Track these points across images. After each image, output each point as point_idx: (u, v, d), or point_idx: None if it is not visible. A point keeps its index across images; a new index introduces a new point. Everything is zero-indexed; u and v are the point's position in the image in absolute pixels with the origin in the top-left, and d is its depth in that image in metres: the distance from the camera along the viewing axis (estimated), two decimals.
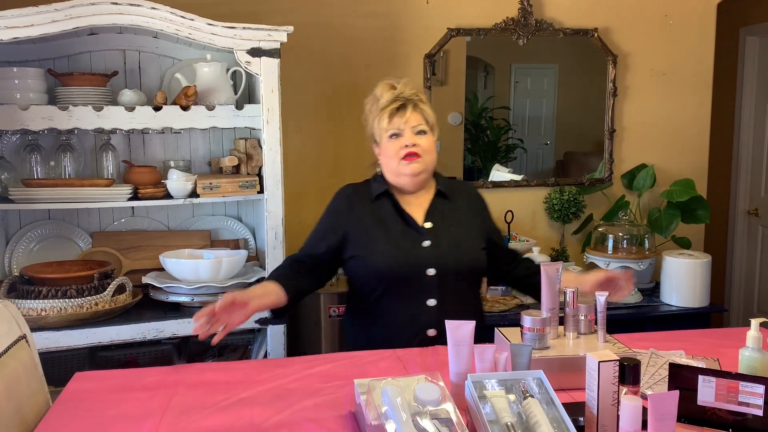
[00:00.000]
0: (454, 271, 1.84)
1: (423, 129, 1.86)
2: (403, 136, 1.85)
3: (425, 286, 1.82)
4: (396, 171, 1.87)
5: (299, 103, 2.93)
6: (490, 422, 1.23)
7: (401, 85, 1.90)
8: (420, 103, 1.88)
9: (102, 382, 1.57)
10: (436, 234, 1.86)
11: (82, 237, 2.57)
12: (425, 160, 1.86)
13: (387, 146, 1.87)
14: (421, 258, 1.83)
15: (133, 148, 2.62)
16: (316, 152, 3.02)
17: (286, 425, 1.34)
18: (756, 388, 1.29)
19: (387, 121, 1.85)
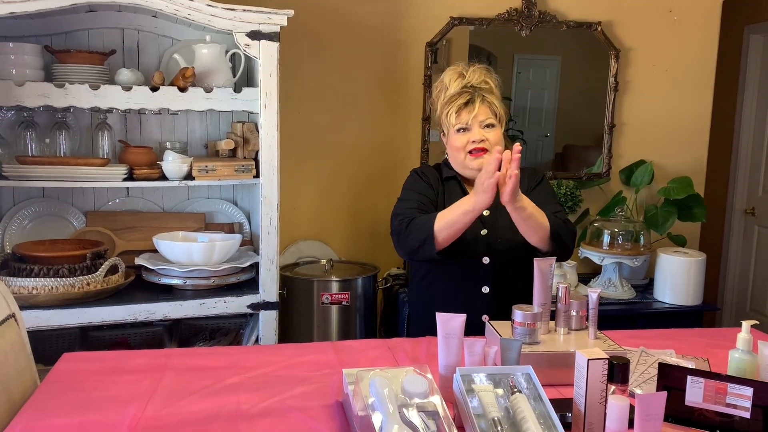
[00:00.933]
0: (508, 260, 1.86)
1: (491, 122, 1.85)
2: (471, 130, 1.84)
3: (480, 274, 1.86)
4: (462, 164, 1.89)
5: (298, 88, 2.91)
6: (476, 416, 1.23)
7: (470, 73, 1.89)
8: (488, 95, 1.86)
9: (90, 363, 1.57)
10: (494, 222, 1.88)
11: (76, 216, 2.56)
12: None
13: (454, 139, 1.87)
14: (477, 246, 1.86)
15: (129, 128, 2.60)
16: (314, 138, 3.01)
17: (273, 413, 1.34)
18: (744, 390, 1.29)
19: (455, 116, 1.85)
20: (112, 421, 1.28)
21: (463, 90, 1.87)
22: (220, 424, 1.28)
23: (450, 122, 1.87)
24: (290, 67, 2.81)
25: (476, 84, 1.88)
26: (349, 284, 2.76)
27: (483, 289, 1.88)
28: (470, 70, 1.90)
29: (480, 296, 1.88)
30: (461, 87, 1.88)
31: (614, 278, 2.92)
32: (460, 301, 1.86)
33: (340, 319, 2.76)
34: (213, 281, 2.35)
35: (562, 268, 2.85)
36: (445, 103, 1.88)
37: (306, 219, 3.06)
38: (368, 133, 3.06)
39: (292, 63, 2.84)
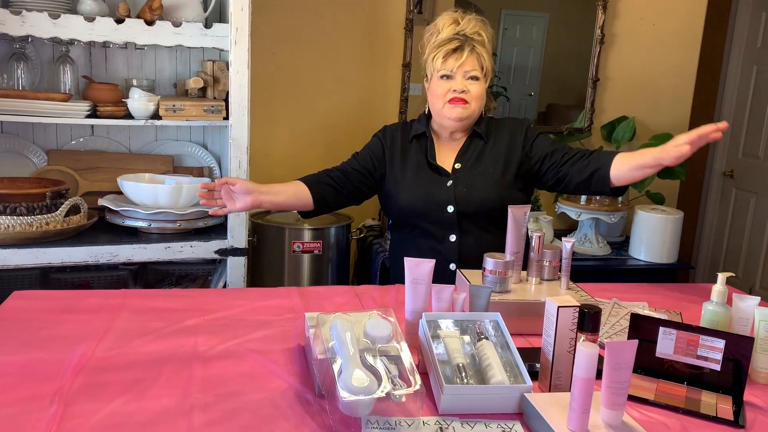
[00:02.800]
0: (473, 208, 1.83)
1: (476, 75, 1.80)
2: (454, 79, 1.80)
3: (446, 223, 1.84)
4: (440, 112, 1.84)
5: (273, 29, 2.79)
6: (441, 362, 1.19)
7: (465, 21, 1.84)
8: (478, 46, 1.81)
9: (41, 301, 1.50)
10: (461, 174, 1.86)
11: (37, 154, 2.45)
12: (471, 107, 1.81)
13: (436, 85, 1.83)
14: (441, 196, 1.84)
15: (94, 63, 2.48)
16: (289, 82, 2.90)
17: (231, 355, 1.29)
18: (716, 342, 1.26)
19: (441, 61, 1.80)
20: (59, 359, 1.22)
21: (454, 36, 1.82)
22: (173, 365, 1.23)
23: (435, 66, 1.81)
24: (266, 8, 2.69)
25: (469, 33, 1.83)
26: (321, 233, 2.69)
27: (450, 238, 1.84)
28: (466, 18, 1.85)
29: (448, 245, 1.85)
30: (453, 33, 1.83)
31: (590, 234, 2.89)
32: (429, 250, 1.85)
33: (311, 269, 2.71)
34: (179, 225, 2.28)
35: (538, 222, 2.81)
36: (434, 47, 1.84)
37: (280, 165, 2.97)
38: (345, 78, 2.96)
39: (266, 2, 2.71)
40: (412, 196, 1.85)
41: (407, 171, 1.89)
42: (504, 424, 1.10)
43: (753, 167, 3.89)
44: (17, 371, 1.17)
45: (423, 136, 1.92)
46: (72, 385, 1.13)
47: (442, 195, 1.84)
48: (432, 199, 1.84)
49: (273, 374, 1.22)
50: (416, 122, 1.96)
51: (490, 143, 1.90)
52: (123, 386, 1.14)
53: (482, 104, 1.86)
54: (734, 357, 1.25)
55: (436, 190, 1.85)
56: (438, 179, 1.86)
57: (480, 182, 1.84)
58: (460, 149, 1.89)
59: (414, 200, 1.85)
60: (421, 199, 1.85)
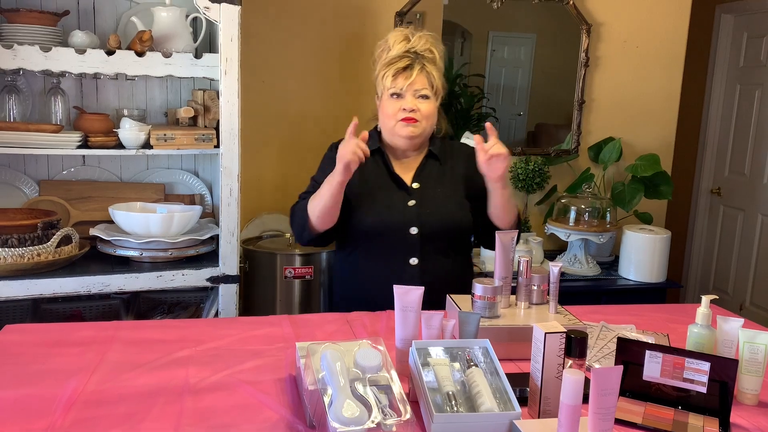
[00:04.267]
0: (437, 230, 1.83)
1: (426, 94, 1.80)
2: (404, 98, 1.79)
3: (408, 245, 1.81)
4: (391, 131, 1.83)
5: (263, 56, 2.83)
6: (431, 390, 1.20)
7: (415, 38, 1.83)
8: (429, 65, 1.80)
9: (32, 335, 1.50)
10: (422, 194, 1.85)
11: (29, 184, 2.46)
12: (423, 125, 1.81)
13: (386, 104, 1.82)
14: (405, 216, 1.81)
15: (85, 94, 2.50)
16: (278, 108, 2.93)
17: (222, 387, 1.29)
18: (701, 365, 1.28)
19: (391, 79, 1.79)
20: (51, 394, 1.22)
21: (404, 54, 1.80)
22: (165, 398, 1.23)
23: (385, 85, 1.80)
24: (255, 35, 2.73)
25: (420, 51, 1.82)
26: (312, 259, 2.70)
27: (411, 261, 1.82)
28: (417, 35, 1.83)
29: (408, 268, 1.81)
30: (404, 51, 1.81)
31: (580, 255, 2.92)
32: (387, 273, 1.80)
33: (303, 294, 2.72)
34: (171, 253, 2.29)
35: (528, 243, 2.84)
36: (384, 64, 1.82)
37: (270, 191, 2.99)
38: (335, 103, 2.99)
39: (256, 31, 2.75)
40: (373, 217, 1.81)
41: (365, 189, 1.84)
42: None
43: (740, 184, 3.94)
44: (9, 407, 1.17)
45: (378, 152, 1.88)
46: (64, 422, 1.13)
47: (405, 215, 1.81)
48: (394, 220, 1.81)
49: (264, 405, 1.23)
50: (369, 139, 1.88)
51: (448, 165, 1.89)
52: (115, 420, 1.14)
53: (433, 122, 1.85)
54: (720, 379, 1.27)
55: (398, 209, 1.82)
56: (400, 197, 1.83)
57: (444, 204, 1.82)
58: (417, 168, 1.87)
59: (374, 220, 1.81)
60: (382, 220, 1.80)
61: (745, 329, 1.35)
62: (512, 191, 1.76)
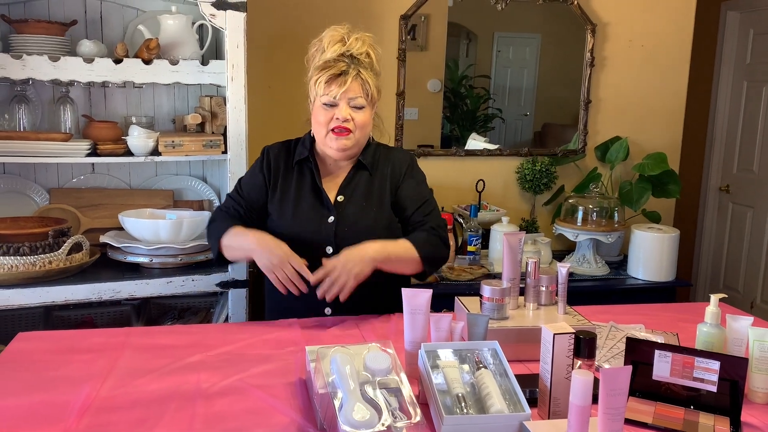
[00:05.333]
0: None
1: (360, 104, 1.69)
2: (338, 107, 1.68)
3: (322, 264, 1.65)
4: (322, 141, 1.73)
5: (269, 61, 2.84)
6: (440, 392, 1.21)
7: (353, 40, 1.71)
8: (364, 70, 1.69)
9: (45, 342, 1.52)
10: (344, 211, 1.75)
11: (39, 193, 2.49)
12: (356, 136, 1.71)
13: (319, 112, 1.71)
14: (321, 235, 1.72)
15: (93, 102, 2.52)
16: (285, 113, 2.94)
17: (233, 391, 1.30)
18: (711, 364, 1.28)
19: (323, 86, 1.67)
20: (64, 401, 1.23)
21: (339, 58, 1.68)
22: (177, 403, 1.24)
23: (317, 91, 1.68)
24: (260, 40, 2.74)
25: (356, 54, 1.70)
26: None
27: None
28: (353, 37, 1.71)
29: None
30: (339, 54, 1.69)
31: (588, 255, 2.92)
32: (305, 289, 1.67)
33: None
34: (180, 259, 2.30)
35: (536, 244, 2.83)
36: (317, 68, 1.70)
37: None
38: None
39: (261, 35, 2.77)
40: (291, 232, 1.71)
41: (287, 201, 1.77)
42: None
43: (748, 181, 3.92)
44: (23, 414, 1.19)
45: (307, 162, 1.80)
46: (78, 428, 1.14)
47: (322, 234, 1.71)
48: (312, 238, 1.71)
49: (275, 409, 1.24)
50: (300, 145, 1.83)
51: (376, 176, 1.78)
52: (128, 426, 1.16)
53: (368, 132, 1.76)
54: (730, 378, 1.27)
55: (317, 227, 1.72)
56: (319, 213, 1.74)
57: (363, 221, 1.71)
58: (343, 180, 1.78)
59: (293, 237, 1.69)
60: (299, 237, 1.70)
61: (754, 327, 1.35)
62: (394, 253, 1.64)
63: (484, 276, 2.71)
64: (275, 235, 1.71)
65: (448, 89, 3.16)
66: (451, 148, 3.16)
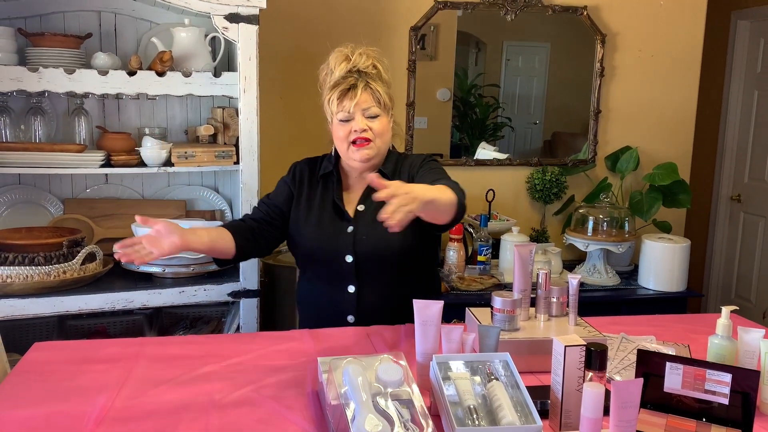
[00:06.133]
0: (372, 258, 1.76)
1: (375, 113, 1.74)
2: (354, 119, 1.73)
3: (344, 273, 1.76)
4: (346, 155, 1.79)
5: (281, 72, 2.87)
6: (452, 404, 1.21)
7: (356, 55, 1.77)
8: (373, 82, 1.74)
9: (61, 352, 1.54)
10: (363, 220, 1.78)
11: (53, 203, 2.52)
12: (376, 144, 1.75)
13: (337, 129, 1.76)
14: (340, 244, 1.76)
15: (107, 113, 2.55)
16: (297, 124, 2.96)
17: (247, 402, 1.32)
18: (723, 376, 1.28)
19: (336, 103, 1.73)
20: (80, 411, 1.25)
21: (347, 74, 1.75)
22: (191, 414, 1.26)
23: (332, 109, 1.75)
24: (272, 52, 2.76)
25: (363, 68, 1.76)
26: None
27: (348, 289, 1.77)
28: (357, 53, 1.78)
29: (346, 296, 1.77)
30: (346, 71, 1.76)
31: (599, 265, 2.91)
32: (326, 299, 1.80)
33: None
34: (193, 269, 2.32)
35: (546, 254, 2.84)
36: (328, 88, 1.76)
37: None
38: None
39: (273, 47, 2.79)
40: (311, 242, 1.78)
41: (311, 213, 1.82)
42: None
43: (760, 191, 3.91)
44: (40, 425, 1.21)
45: (330, 176, 1.86)
46: None
47: (341, 243, 1.75)
48: (331, 248, 1.76)
49: (288, 420, 1.25)
50: (326, 160, 1.89)
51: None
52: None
53: (388, 139, 1.80)
54: (742, 390, 1.27)
55: (336, 237, 1.76)
56: (339, 225, 1.78)
57: (381, 230, 1.61)
58: (365, 191, 1.81)
59: (313, 247, 1.78)
60: (319, 247, 1.77)
61: (766, 340, 1.35)
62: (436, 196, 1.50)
63: (494, 286, 2.71)
64: (297, 245, 1.81)
65: (457, 98, 3.17)
66: (461, 157, 3.17)
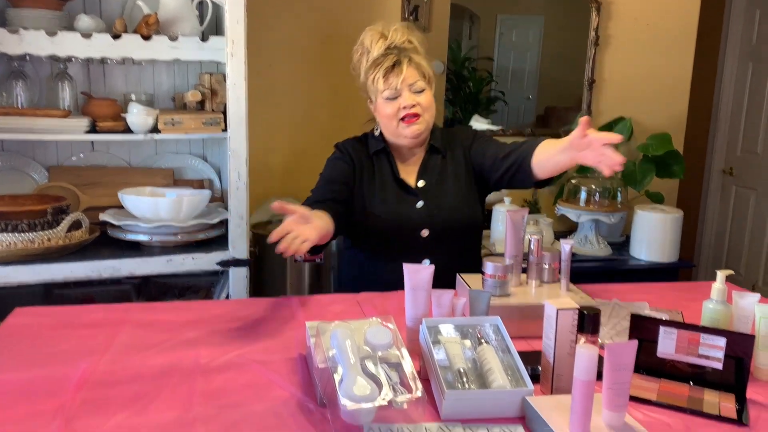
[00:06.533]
0: (447, 230, 1.79)
1: (421, 87, 1.75)
2: (401, 96, 1.74)
3: (419, 247, 1.76)
4: (395, 133, 1.78)
5: (270, 40, 2.81)
6: (442, 368, 1.19)
7: (391, 32, 1.78)
8: (414, 56, 1.76)
9: (43, 317, 1.50)
10: (429, 194, 1.80)
11: (38, 171, 2.46)
12: (425, 118, 1.77)
13: (384, 107, 1.76)
14: (414, 219, 1.77)
15: (92, 79, 2.49)
16: (287, 92, 2.91)
17: (233, 367, 1.29)
18: (717, 340, 1.26)
19: (382, 81, 1.73)
20: (62, 375, 1.22)
21: (387, 52, 1.76)
22: (176, 379, 1.23)
23: (378, 88, 1.75)
24: (262, 19, 2.70)
25: (399, 44, 1.77)
26: None
27: (423, 263, 1.73)
28: (392, 30, 1.79)
29: None
30: (384, 49, 1.76)
31: (590, 235, 2.90)
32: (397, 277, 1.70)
33: (313, 278, 2.72)
34: (180, 237, 2.29)
35: (538, 225, 2.82)
36: (369, 68, 1.77)
37: (279, 176, 2.98)
38: (342, 87, 2.97)
39: (262, 14, 2.73)
40: (383, 220, 1.77)
41: (376, 190, 1.81)
42: (506, 428, 1.11)
43: (752, 164, 3.89)
44: (19, 389, 1.18)
45: (383, 152, 1.85)
46: (74, 401, 1.13)
47: (414, 218, 1.77)
48: (404, 224, 1.77)
49: (275, 384, 1.23)
50: (370, 138, 1.88)
51: (448, 157, 1.84)
52: (126, 401, 1.14)
53: (434, 113, 1.80)
54: (736, 355, 1.25)
55: (407, 212, 1.77)
56: (407, 200, 1.80)
57: (450, 202, 1.77)
58: (420, 166, 1.83)
59: (385, 224, 1.77)
60: (392, 224, 1.77)
61: (761, 304, 1.33)
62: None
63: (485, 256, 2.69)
64: (368, 226, 1.74)
65: (450, 71, 3.12)
66: None
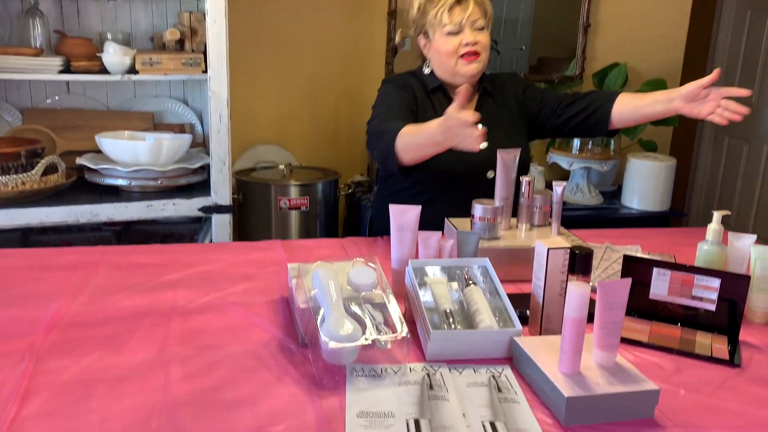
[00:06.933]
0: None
1: (481, 25, 1.70)
2: (463, 32, 1.68)
3: (485, 190, 1.65)
4: (453, 70, 1.72)
5: None
6: (428, 309, 1.15)
7: None
8: None
9: (17, 259, 1.45)
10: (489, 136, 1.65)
11: (11, 113, 2.37)
12: (483, 58, 1.72)
13: (443, 42, 1.69)
14: (481, 162, 1.69)
15: (66, 17, 2.38)
16: (272, 35, 2.81)
17: (211, 309, 1.24)
18: (711, 281, 1.22)
19: (447, 15, 1.67)
20: (33, 316, 1.17)
21: None
22: (152, 320, 1.18)
23: (441, 21, 1.68)
24: None
25: None
26: (308, 189, 2.64)
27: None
28: None
29: None
30: None
31: (582, 184, 2.85)
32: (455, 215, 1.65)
33: (299, 225, 2.66)
34: (160, 182, 2.22)
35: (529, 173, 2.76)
36: (431, 2, 1.70)
37: (264, 122, 2.90)
38: (329, 29, 2.87)
39: None
40: (448, 162, 1.63)
41: None
42: (493, 368, 1.07)
43: (746, 115, 3.83)
44: None
45: (440, 90, 1.77)
46: (44, 342, 1.08)
47: (482, 160, 1.67)
48: (471, 165, 1.70)
49: (255, 326, 1.18)
50: (424, 76, 1.80)
51: (499, 101, 1.81)
52: (98, 342, 1.10)
53: (489, 54, 1.75)
54: (729, 297, 1.22)
55: (474, 155, 1.60)
56: None
57: (508, 143, 1.67)
58: (475, 108, 1.76)
59: (452, 164, 1.67)
60: (460, 165, 1.68)
61: (757, 245, 1.29)
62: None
63: None
64: (431, 167, 1.61)
65: None
66: None
